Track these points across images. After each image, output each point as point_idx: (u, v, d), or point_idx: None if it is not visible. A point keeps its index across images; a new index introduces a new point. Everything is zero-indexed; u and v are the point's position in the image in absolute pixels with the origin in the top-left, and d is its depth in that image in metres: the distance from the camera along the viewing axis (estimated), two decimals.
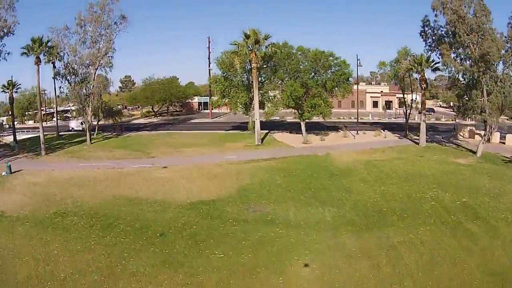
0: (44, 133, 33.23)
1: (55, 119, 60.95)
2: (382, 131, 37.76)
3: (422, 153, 26.84)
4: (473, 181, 19.56)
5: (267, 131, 37.38)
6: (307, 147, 29.06)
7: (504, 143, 32.21)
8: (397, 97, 61.51)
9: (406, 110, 35.15)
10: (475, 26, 23.61)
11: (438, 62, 29.40)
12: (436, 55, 29.00)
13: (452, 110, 70.52)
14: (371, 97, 63.69)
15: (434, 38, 27.88)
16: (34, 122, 68.16)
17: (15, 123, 44.36)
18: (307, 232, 13.64)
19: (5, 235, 14.51)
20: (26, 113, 70.15)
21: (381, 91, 73.62)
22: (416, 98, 38.13)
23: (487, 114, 25.20)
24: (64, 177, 22.85)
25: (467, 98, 26.49)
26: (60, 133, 45.59)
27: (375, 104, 63.95)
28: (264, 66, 32.93)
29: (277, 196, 17.23)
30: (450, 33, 25.94)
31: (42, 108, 45.26)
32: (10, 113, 45.92)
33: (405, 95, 35.54)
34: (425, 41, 28.93)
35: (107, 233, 14.00)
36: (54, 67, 41.32)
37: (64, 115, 65.76)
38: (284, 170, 21.61)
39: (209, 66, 53.15)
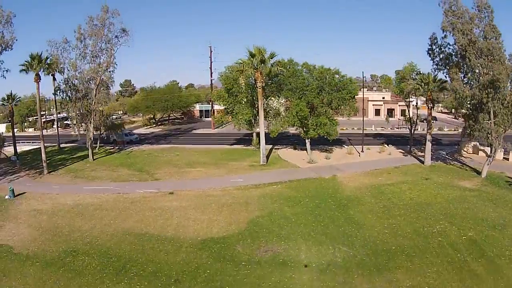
0: (45, 144, 32.90)
1: (55, 126, 60.81)
2: (386, 146, 38.12)
3: (428, 175, 27.18)
4: (479, 211, 19.94)
5: (271, 145, 37.56)
6: (312, 168, 29.30)
7: (507, 159, 32.66)
8: (399, 105, 61.90)
9: (411, 127, 35.45)
10: (485, 49, 23.83)
11: (446, 81, 29.72)
12: (443, 74, 29.38)
13: (454, 117, 71.16)
14: (373, 105, 64.05)
15: (441, 57, 28.11)
16: (34, 130, 68.03)
17: (15, 130, 44.14)
18: (320, 277, 13.90)
19: (16, 278, 14.64)
20: (26, 118, 70.11)
21: (383, 98, 74.01)
22: (418, 103, 38.37)
23: (493, 138, 25.55)
24: (70, 204, 22.97)
25: (473, 120, 26.73)
26: (61, 144, 45.46)
27: (377, 112, 64.34)
28: (269, 82, 33.02)
29: (288, 232, 17.48)
30: (459, 54, 26.17)
31: (41, 114, 45.06)
32: (9, 119, 45.55)
33: (410, 112, 35.77)
34: (433, 60, 29.24)
35: (121, 278, 14.18)
36: (54, 79, 41.29)
37: (64, 122, 65.54)
38: (292, 199, 21.85)
39: (211, 76, 53.18)
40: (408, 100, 34.79)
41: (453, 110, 67.93)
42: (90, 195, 24.54)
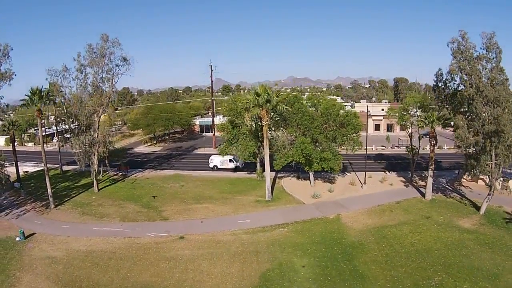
0: (48, 165, 33.09)
1: (54, 141, 61.29)
2: (387, 173, 39.83)
3: (428, 212, 28.88)
4: (475, 258, 21.70)
5: (274, 172, 38.71)
6: (316, 204, 30.80)
7: (506, 187, 34.44)
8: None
9: (413, 157, 36.99)
10: (492, 97, 25.15)
11: (449, 118, 31.29)
12: (447, 110, 30.78)
13: (453, 130, 73.12)
14: (373, 120, 65.63)
15: (447, 92, 29.43)
16: (34, 144, 68.74)
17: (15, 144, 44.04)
18: None
19: None
20: (26, 130, 70.81)
21: (382, 109, 75.56)
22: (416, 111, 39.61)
23: (493, 179, 27.18)
24: (83, 250, 24.19)
25: (475, 159, 28.02)
26: (63, 166, 45.99)
27: (377, 127, 66.00)
28: (274, 116, 34.20)
29: None
30: (465, 97, 27.27)
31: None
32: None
33: (413, 145, 37.26)
34: (438, 97, 30.78)
35: None
36: (55, 103, 42.09)
37: (65, 136, 66.05)
38: (299, 247, 23.34)
39: (212, 96, 54.16)
40: (410, 132, 36.34)
41: (452, 123, 69.68)
42: (101, 238, 25.79)
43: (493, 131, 24.88)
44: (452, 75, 28.02)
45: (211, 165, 42.53)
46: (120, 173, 43.07)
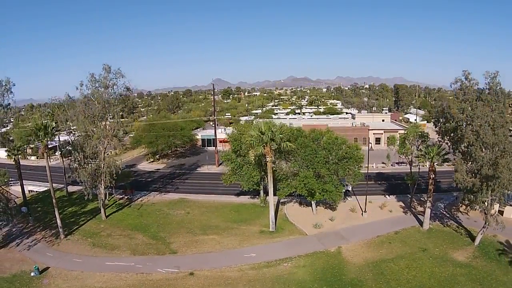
0: (53, 184, 34.42)
1: (57, 154, 62.69)
2: (387, 197, 41.93)
3: (425, 244, 30.96)
4: None
5: (276, 197, 40.55)
6: (318, 235, 32.83)
7: (502, 212, 36.48)
8: (399, 134, 65.50)
9: (414, 185, 38.98)
10: (490, 143, 26.76)
11: (449, 153, 33.14)
12: (447, 145, 32.63)
13: (453, 171, 74.92)
14: (373, 134, 67.58)
15: (447, 126, 31.14)
16: (37, 158, 70.41)
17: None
18: None
19: None
20: (28, 144, 72.47)
21: (383, 120, 77.57)
22: (416, 119, 41.62)
23: (488, 215, 29.17)
24: (98, 287, 26.12)
25: (472, 193, 29.83)
26: (68, 187, 47.59)
27: (377, 141, 67.96)
28: (278, 151, 35.92)
29: None
30: (465, 141, 28.87)
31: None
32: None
33: (412, 171, 39.23)
34: (439, 133, 32.62)
35: None
36: (57, 126, 43.80)
37: (68, 148, 67.42)
38: (302, 285, 25.39)
39: (214, 114, 55.87)
40: (411, 159, 38.29)
41: (452, 134, 71.76)
42: (114, 274, 27.76)
43: (491, 175, 26.58)
44: (454, 118, 29.60)
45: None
46: (126, 197, 44.88)
